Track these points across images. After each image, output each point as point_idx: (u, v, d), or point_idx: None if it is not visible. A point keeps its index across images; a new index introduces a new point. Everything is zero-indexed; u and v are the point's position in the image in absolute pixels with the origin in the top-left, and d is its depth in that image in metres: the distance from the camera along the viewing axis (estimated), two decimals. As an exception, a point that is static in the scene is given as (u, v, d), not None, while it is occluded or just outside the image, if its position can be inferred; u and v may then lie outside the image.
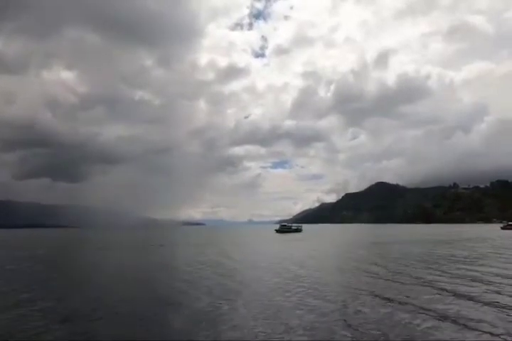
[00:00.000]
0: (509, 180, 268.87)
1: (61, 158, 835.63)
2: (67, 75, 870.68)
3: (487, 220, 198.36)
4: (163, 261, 24.91)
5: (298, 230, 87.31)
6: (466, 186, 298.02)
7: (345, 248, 35.97)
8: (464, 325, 8.61)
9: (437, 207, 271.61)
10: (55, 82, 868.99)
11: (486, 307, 10.29)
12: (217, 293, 12.98)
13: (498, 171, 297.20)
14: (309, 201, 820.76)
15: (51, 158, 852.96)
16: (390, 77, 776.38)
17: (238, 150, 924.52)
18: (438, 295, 11.72)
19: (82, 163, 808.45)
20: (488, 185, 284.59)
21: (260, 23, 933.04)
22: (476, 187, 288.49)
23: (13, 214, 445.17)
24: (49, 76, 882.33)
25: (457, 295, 11.76)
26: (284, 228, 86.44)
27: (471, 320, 8.99)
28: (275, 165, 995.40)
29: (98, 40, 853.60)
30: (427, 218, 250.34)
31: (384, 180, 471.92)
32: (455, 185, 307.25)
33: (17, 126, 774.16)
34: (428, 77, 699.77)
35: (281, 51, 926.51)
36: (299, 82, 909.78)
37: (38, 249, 39.21)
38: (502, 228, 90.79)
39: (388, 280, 14.98)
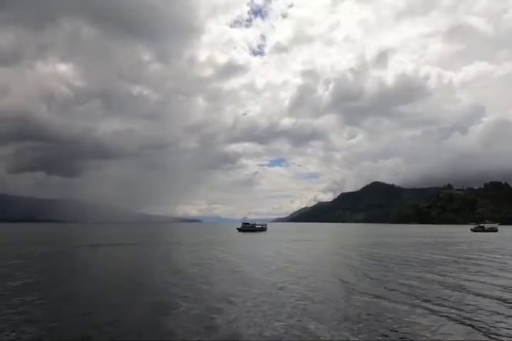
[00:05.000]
0: (503, 182, 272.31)
1: (56, 152, 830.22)
2: (62, 68, 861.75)
3: (480, 221, 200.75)
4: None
5: (262, 229, 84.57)
6: (461, 187, 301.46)
7: (296, 253, 29.44)
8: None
9: (432, 207, 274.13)
10: (50, 75, 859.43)
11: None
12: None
13: (493, 172, 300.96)
14: (306, 199, 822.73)
15: (46, 151, 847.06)
16: (389, 76, 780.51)
17: (236, 147, 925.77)
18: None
19: (77, 158, 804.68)
20: (482, 186, 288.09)
21: (259, 20, 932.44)
22: (470, 189, 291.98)
23: (8, 208, 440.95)
24: (44, 68, 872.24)
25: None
26: (247, 226, 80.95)
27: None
28: (272, 163, 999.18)
29: (95, 33, 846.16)
30: (422, 218, 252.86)
31: (380, 180, 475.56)
32: (449, 186, 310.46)
33: (11, 118, 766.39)
34: (427, 77, 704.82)
35: (280, 49, 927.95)
36: (297, 80, 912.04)
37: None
38: (472, 230, 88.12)
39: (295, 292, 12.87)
